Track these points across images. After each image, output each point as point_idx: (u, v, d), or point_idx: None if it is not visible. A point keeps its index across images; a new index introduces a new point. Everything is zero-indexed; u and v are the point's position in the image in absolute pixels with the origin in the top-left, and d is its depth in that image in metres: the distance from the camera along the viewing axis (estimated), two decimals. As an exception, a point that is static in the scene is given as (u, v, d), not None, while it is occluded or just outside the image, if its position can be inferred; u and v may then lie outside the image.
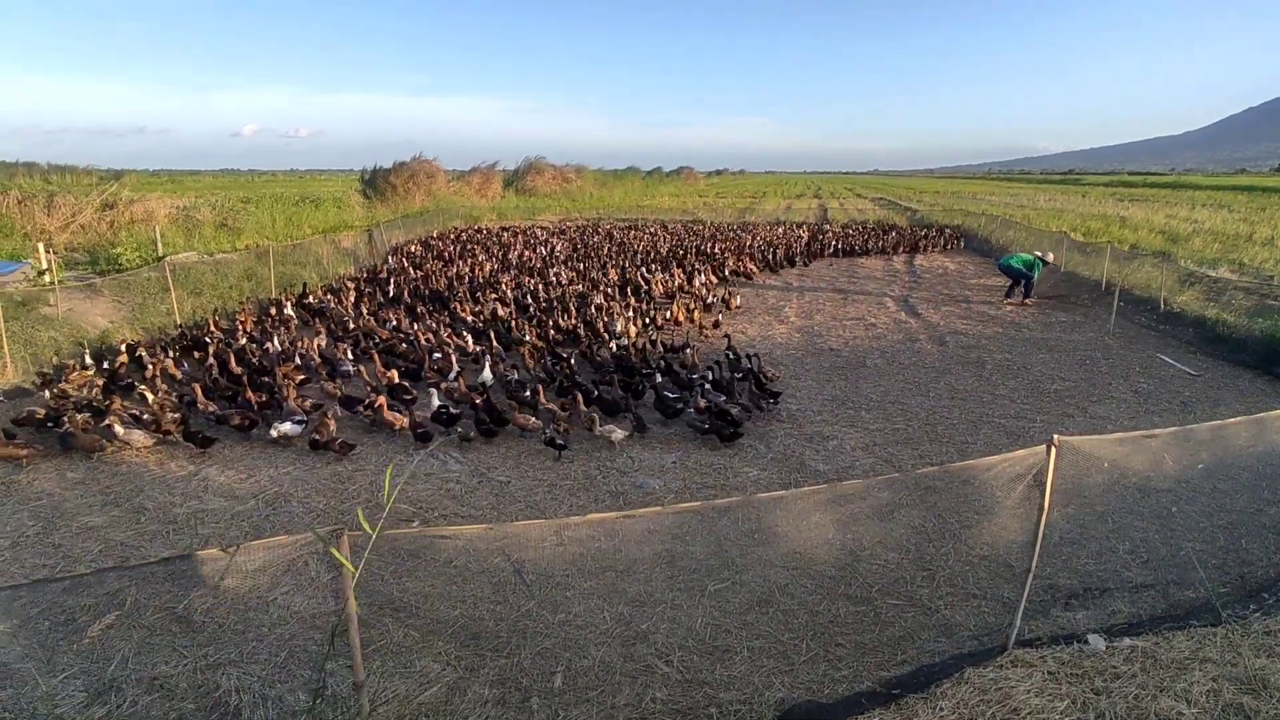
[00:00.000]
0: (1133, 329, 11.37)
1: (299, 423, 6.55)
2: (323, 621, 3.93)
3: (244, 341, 9.29)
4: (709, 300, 12.69)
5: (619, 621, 3.98)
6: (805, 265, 18.44)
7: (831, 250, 20.15)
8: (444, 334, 9.57)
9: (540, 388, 7.27)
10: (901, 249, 20.96)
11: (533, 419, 6.59)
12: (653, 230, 23.62)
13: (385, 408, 6.68)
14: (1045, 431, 6.87)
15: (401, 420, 6.62)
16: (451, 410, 6.70)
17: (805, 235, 22.21)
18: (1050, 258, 14.48)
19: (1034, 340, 10.60)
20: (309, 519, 5.20)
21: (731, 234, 22.79)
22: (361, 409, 6.82)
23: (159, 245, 14.90)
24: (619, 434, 6.32)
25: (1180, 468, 4.85)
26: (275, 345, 9.09)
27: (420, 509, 5.38)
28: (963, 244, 22.14)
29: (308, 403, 7.06)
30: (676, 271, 14.85)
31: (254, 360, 8.47)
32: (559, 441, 6.12)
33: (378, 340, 9.51)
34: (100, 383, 7.52)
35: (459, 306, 11.15)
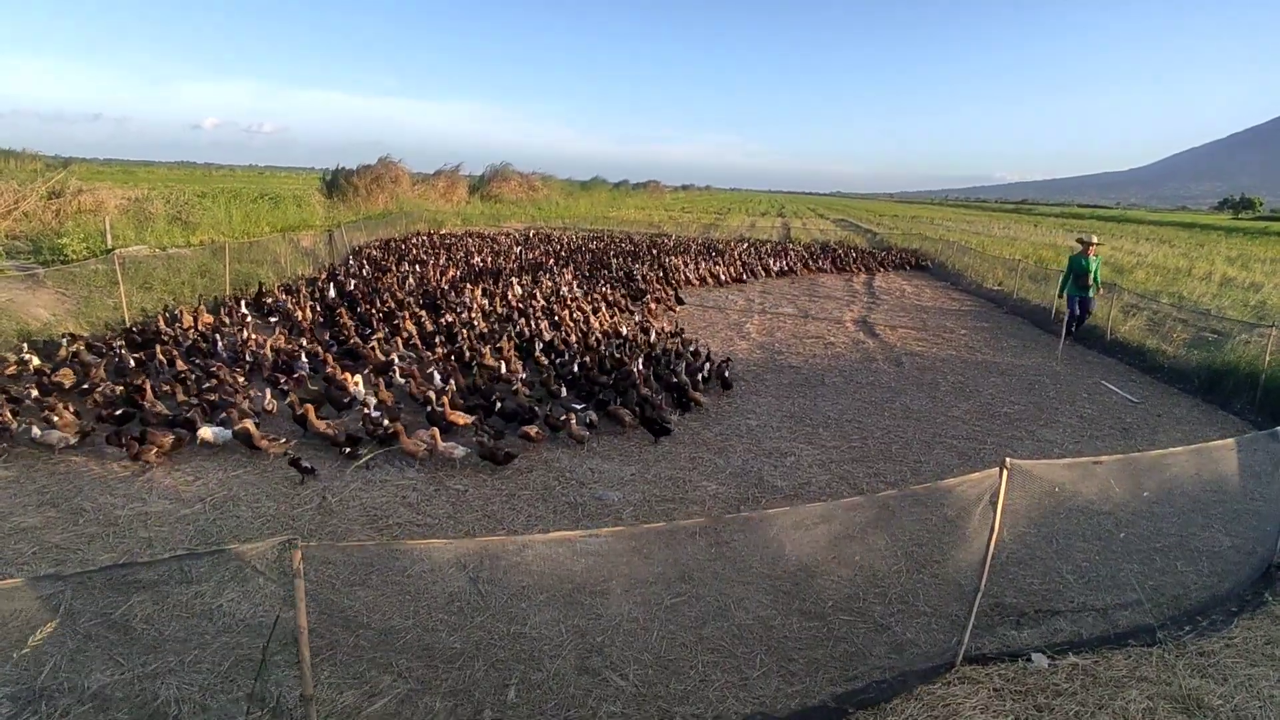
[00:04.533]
0: (1079, 355, 11.78)
1: (229, 425, 6.27)
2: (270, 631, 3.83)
3: (194, 339, 9.03)
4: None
5: (575, 634, 3.95)
6: (768, 278, 18.75)
7: (793, 268, 20.38)
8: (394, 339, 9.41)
9: (447, 400, 7.02)
10: (861, 269, 21.36)
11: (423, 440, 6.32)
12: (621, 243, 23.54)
13: (314, 415, 6.48)
14: (996, 453, 7.08)
15: (323, 428, 6.41)
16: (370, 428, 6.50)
17: (769, 252, 22.53)
18: (1095, 240, 12.66)
19: (986, 364, 10.90)
20: (258, 524, 5.07)
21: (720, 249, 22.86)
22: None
23: (108, 237, 14.40)
24: (459, 451, 6.14)
25: (1122, 493, 5.03)
26: (226, 344, 8.86)
27: (375, 516, 5.28)
28: (927, 266, 22.69)
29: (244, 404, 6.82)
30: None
31: (202, 359, 8.24)
32: (304, 464, 5.80)
33: (332, 343, 9.33)
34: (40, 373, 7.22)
35: (405, 316, 10.89)
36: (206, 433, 6.16)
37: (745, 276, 18.39)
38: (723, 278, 17.84)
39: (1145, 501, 5.65)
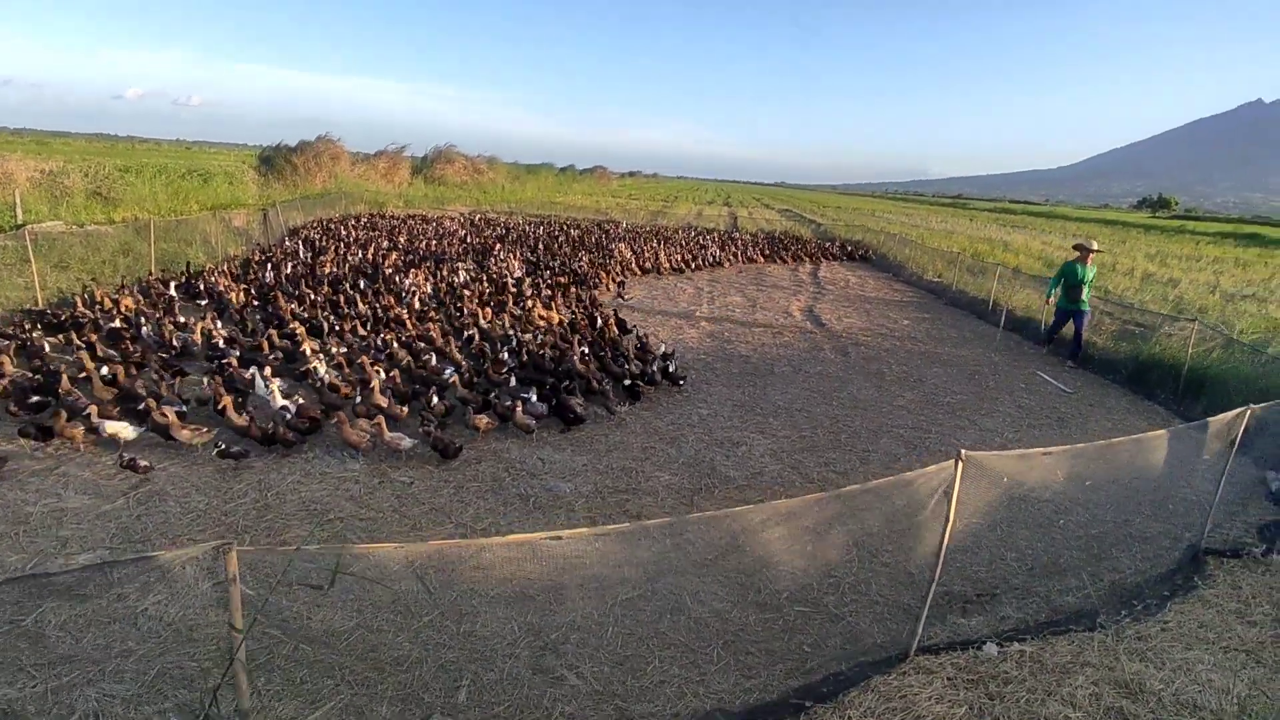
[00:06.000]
0: (1016, 346, 12.15)
1: (137, 425, 5.80)
2: (201, 635, 3.59)
3: (118, 323, 8.47)
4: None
5: (528, 632, 3.84)
6: (716, 267, 18.78)
7: (740, 257, 20.44)
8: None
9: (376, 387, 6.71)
10: (806, 260, 21.63)
11: (363, 430, 6.01)
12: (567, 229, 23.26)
13: (232, 407, 6.04)
14: (941, 441, 7.23)
15: (241, 422, 5.96)
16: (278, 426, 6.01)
17: (717, 242, 22.60)
18: (1096, 246, 11.22)
19: (929, 354, 11.14)
20: (187, 521, 4.76)
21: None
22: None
23: (18, 211, 13.46)
24: (406, 443, 5.91)
25: (1066, 482, 5.17)
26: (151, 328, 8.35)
27: (315, 511, 5.03)
28: (870, 257, 23.12)
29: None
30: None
31: (126, 345, 7.74)
32: (140, 464, 5.36)
33: (266, 329, 8.90)
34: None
35: (341, 300, 10.49)
36: (111, 427, 5.68)
37: (693, 265, 18.36)
38: (668, 266, 17.72)
39: (1085, 489, 5.83)
